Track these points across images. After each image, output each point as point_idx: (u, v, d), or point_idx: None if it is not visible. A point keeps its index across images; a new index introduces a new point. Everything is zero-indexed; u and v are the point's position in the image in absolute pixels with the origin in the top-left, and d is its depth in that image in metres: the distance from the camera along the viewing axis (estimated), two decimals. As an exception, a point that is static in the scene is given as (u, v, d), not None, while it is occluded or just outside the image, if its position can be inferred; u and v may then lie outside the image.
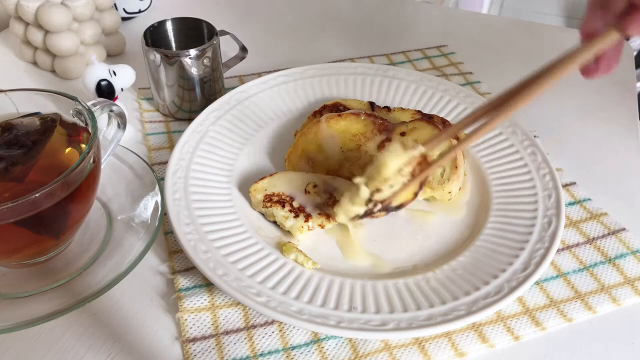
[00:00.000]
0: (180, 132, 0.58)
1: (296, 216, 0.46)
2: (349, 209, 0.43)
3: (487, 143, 0.55)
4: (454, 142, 0.50)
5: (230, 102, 0.58)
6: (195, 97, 0.60)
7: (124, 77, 0.56)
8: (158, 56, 0.57)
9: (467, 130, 0.40)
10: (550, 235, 0.45)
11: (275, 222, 0.48)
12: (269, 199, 0.47)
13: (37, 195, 0.36)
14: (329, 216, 0.46)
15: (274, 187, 0.48)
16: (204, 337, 0.40)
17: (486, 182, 0.51)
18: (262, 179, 0.49)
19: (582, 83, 0.68)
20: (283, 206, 0.47)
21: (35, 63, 0.70)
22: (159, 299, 0.43)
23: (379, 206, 0.42)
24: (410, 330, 0.38)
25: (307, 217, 0.46)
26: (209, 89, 0.61)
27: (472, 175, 0.53)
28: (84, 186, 0.40)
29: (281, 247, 0.45)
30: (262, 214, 0.48)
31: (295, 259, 0.44)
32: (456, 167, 0.49)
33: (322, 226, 0.46)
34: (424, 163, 0.41)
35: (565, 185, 0.53)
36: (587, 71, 0.38)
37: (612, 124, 0.62)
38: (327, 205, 0.47)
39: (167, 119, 0.61)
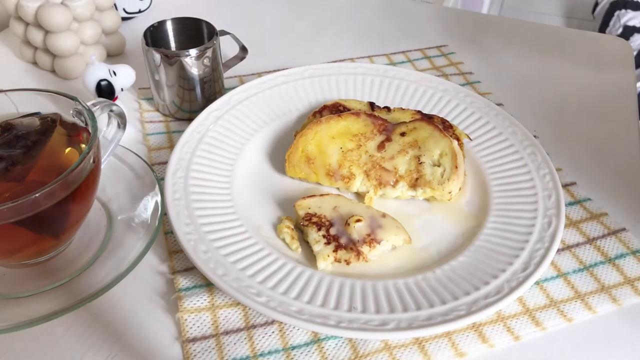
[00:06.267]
0: (180, 132, 0.58)
1: (327, 243, 0.44)
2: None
3: (487, 143, 0.55)
4: (455, 142, 0.51)
5: (230, 102, 0.58)
6: (195, 97, 0.60)
7: (124, 77, 0.57)
8: (158, 56, 0.57)
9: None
10: (550, 235, 0.45)
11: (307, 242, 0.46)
12: (309, 218, 0.46)
13: (37, 195, 0.36)
14: (359, 254, 0.44)
15: (318, 208, 0.47)
16: (204, 337, 0.40)
17: (486, 182, 0.51)
18: (311, 196, 0.48)
19: (582, 83, 0.68)
20: (319, 229, 0.45)
21: (35, 63, 0.70)
22: (159, 299, 0.43)
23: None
24: (410, 330, 0.38)
25: (338, 247, 0.44)
26: (209, 89, 0.61)
27: (472, 175, 0.53)
28: (84, 186, 0.40)
29: (278, 226, 0.47)
30: (301, 231, 0.47)
31: (283, 239, 0.46)
32: (456, 167, 0.49)
33: (347, 262, 0.44)
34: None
35: (565, 185, 0.53)
36: None
37: (612, 124, 0.62)
38: (364, 242, 0.44)
39: (167, 119, 0.61)
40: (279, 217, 0.48)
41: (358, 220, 0.45)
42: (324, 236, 0.45)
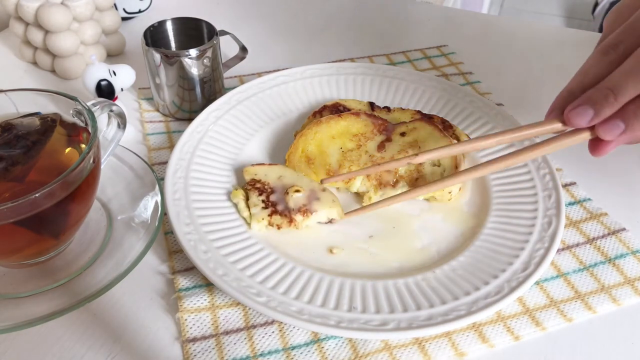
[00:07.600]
0: (180, 132, 0.58)
1: (265, 207, 0.47)
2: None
3: (487, 143, 0.55)
4: (455, 142, 0.51)
5: (230, 102, 0.58)
6: (195, 97, 0.60)
7: (124, 77, 0.56)
8: (158, 56, 0.57)
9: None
10: (550, 235, 0.45)
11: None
12: (254, 183, 0.49)
13: (37, 195, 0.36)
14: (292, 221, 0.46)
15: (264, 176, 0.49)
16: (204, 337, 0.40)
17: (486, 182, 0.51)
18: (260, 164, 0.51)
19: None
20: (260, 194, 0.48)
21: (35, 63, 0.70)
22: (159, 299, 0.43)
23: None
24: (410, 330, 0.38)
25: (273, 213, 0.46)
26: (209, 89, 0.61)
27: (472, 175, 0.53)
28: (84, 186, 0.40)
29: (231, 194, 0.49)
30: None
31: (237, 204, 0.48)
32: (456, 167, 0.49)
33: (279, 226, 0.46)
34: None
35: (565, 185, 0.53)
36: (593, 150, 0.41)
37: (612, 124, 0.61)
38: (298, 211, 0.46)
39: (167, 119, 0.61)
40: (233, 185, 0.50)
41: (297, 191, 0.47)
42: (263, 201, 0.47)
